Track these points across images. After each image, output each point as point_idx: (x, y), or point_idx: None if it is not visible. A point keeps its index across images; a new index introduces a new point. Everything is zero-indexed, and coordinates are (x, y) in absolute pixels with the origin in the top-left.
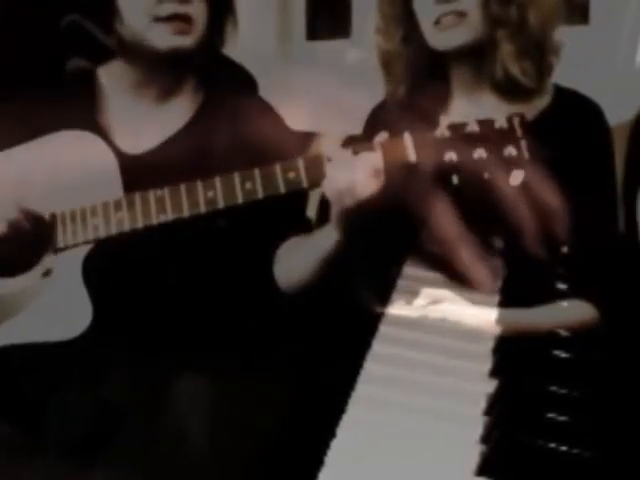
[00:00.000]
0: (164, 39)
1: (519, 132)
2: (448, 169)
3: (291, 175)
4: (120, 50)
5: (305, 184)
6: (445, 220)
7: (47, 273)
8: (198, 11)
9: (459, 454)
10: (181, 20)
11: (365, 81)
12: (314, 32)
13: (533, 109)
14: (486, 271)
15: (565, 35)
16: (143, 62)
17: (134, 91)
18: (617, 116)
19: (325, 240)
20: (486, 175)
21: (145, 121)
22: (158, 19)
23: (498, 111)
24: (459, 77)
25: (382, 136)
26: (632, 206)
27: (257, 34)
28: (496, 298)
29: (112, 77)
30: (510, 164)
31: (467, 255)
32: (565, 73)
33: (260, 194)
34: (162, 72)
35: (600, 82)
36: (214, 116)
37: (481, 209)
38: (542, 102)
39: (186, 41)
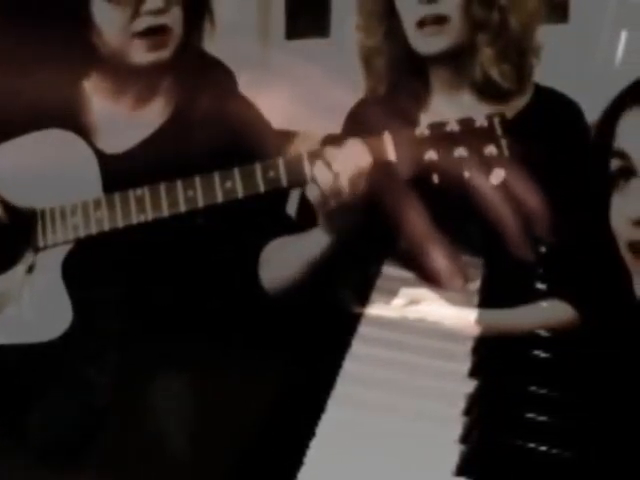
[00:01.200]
0: (142, 55)
1: (499, 131)
2: (428, 168)
3: (271, 174)
4: (98, 63)
5: (285, 183)
6: (418, 220)
7: (30, 270)
8: (174, 19)
9: (438, 454)
10: (158, 33)
11: (344, 80)
12: (293, 31)
13: (512, 108)
14: (456, 270)
15: (544, 34)
16: (121, 72)
17: (114, 94)
18: (596, 115)
19: (314, 244)
20: (466, 174)
21: (125, 121)
22: (135, 34)
23: (477, 110)
24: (439, 76)
25: (357, 143)
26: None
27: (237, 33)
28: (475, 298)
29: (96, 81)
30: (490, 163)
31: (437, 255)
32: (544, 72)
33: (240, 193)
34: (140, 81)
35: (579, 81)
36: (193, 114)
37: (461, 208)
38: (521, 101)
39: (164, 53)
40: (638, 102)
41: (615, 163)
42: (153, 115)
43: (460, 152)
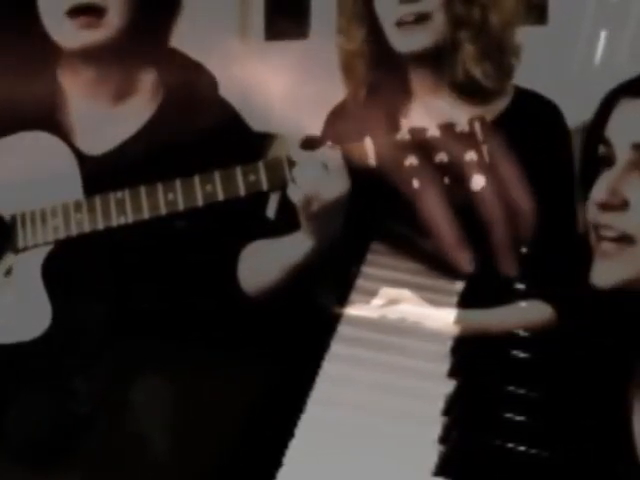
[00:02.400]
0: (73, 36)
1: (480, 136)
2: (409, 173)
3: (251, 178)
4: (64, 57)
5: (265, 187)
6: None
7: (9, 272)
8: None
9: (417, 454)
10: (89, 13)
11: (324, 81)
12: (272, 32)
13: (493, 110)
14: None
15: (524, 35)
16: (93, 63)
17: (90, 90)
18: (576, 117)
19: (296, 248)
20: (446, 180)
21: (104, 121)
22: (68, 14)
23: (458, 112)
24: (420, 78)
25: (337, 146)
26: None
27: (215, 34)
28: (454, 298)
29: (69, 76)
30: (471, 169)
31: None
32: (524, 73)
33: (220, 196)
34: (112, 69)
35: (559, 83)
36: (174, 116)
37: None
38: (502, 103)
39: (97, 35)
40: (634, 94)
41: (601, 149)
42: (133, 115)
43: (441, 157)
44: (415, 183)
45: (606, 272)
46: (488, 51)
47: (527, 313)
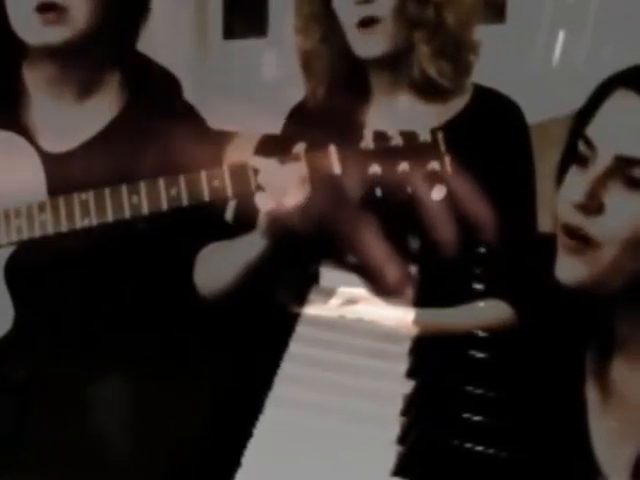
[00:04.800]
0: (38, 32)
1: (442, 147)
2: (372, 182)
3: (216, 183)
4: (30, 54)
5: (230, 193)
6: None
7: None
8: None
9: (376, 454)
10: (53, 10)
11: (283, 79)
12: (230, 31)
13: (452, 108)
14: (404, 278)
15: (482, 34)
16: (57, 62)
17: (53, 88)
18: (535, 115)
19: (250, 247)
20: (409, 189)
21: (67, 120)
22: (36, 9)
23: (417, 111)
24: (378, 77)
25: (301, 146)
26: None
27: (173, 33)
28: (412, 298)
29: (33, 74)
30: (433, 179)
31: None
32: (482, 72)
33: (185, 201)
34: (75, 68)
35: (517, 81)
36: (138, 117)
37: (403, 220)
38: (461, 101)
39: (62, 32)
40: (626, 87)
41: (581, 147)
42: (97, 114)
43: (404, 166)
44: (378, 192)
45: (571, 269)
46: (444, 50)
47: (485, 313)
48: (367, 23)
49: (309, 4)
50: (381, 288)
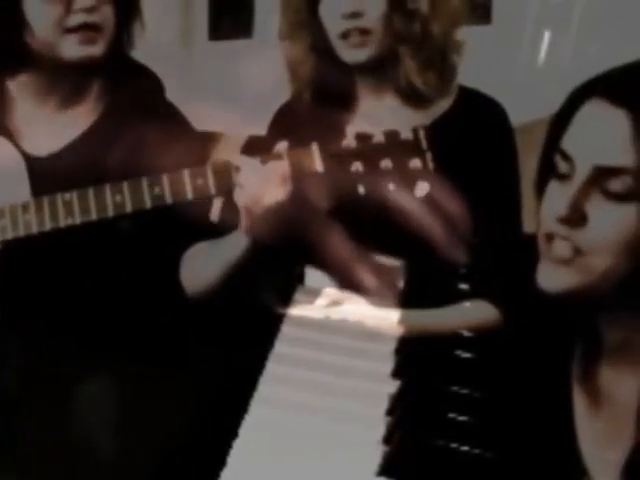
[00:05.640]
0: (74, 49)
1: (424, 144)
2: (355, 179)
3: (199, 182)
4: (29, 61)
5: (213, 191)
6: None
7: None
8: (106, 18)
9: (361, 454)
10: (90, 29)
11: (269, 81)
12: (216, 32)
13: (437, 109)
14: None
15: (467, 35)
16: (50, 71)
17: (38, 97)
18: (520, 116)
19: (234, 247)
20: (391, 186)
21: (51, 123)
22: (68, 30)
23: (403, 114)
24: (365, 82)
25: (283, 145)
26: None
27: (159, 34)
28: (398, 299)
29: (18, 83)
30: (415, 176)
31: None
32: (467, 73)
33: (168, 200)
34: (68, 79)
35: (503, 82)
36: (119, 119)
37: (386, 218)
38: (445, 103)
39: (96, 50)
40: (598, 96)
41: (558, 160)
42: (80, 118)
43: (386, 164)
44: (360, 189)
45: (554, 278)
46: (430, 62)
47: (471, 313)
48: (353, 35)
49: (295, 12)
50: (354, 286)
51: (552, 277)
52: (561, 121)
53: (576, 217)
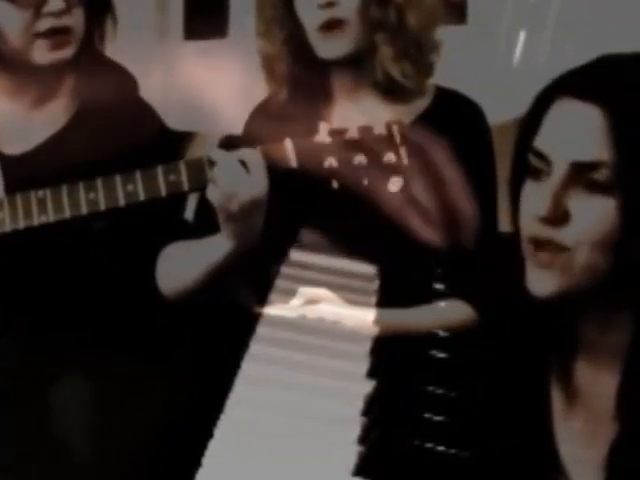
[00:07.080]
0: (44, 55)
1: (398, 139)
2: (328, 174)
3: (172, 178)
4: (1, 64)
5: (186, 187)
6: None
7: None
8: (76, 20)
9: (336, 454)
10: (60, 33)
11: (244, 80)
12: (191, 32)
13: (414, 109)
14: None
15: (443, 35)
16: (22, 71)
17: (11, 97)
18: (497, 116)
19: (215, 249)
20: (365, 181)
21: (24, 122)
22: (38, 35)
23: (379, 112)
24: (341, 80)
25: (257, 146)
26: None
27: (134, 33)
28: (373, 298)
29: None
30: (389, 170)
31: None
32: (444, 73)
33: (141, 196)
34: (41, 78)
35: (479, 82)
36: (93, 117)
37: (361, 212)
38: (423, 102)
39: (66, 53)
40: (565, 95)
41: (533, 160)
42: (53, 116)
43: (360, 159)
44: (334, 184)
45: (543, 282)
46: (406, 51)
47: (446, 313)
48: (330, 26)
49: (271, 8)
50: None
51: (541, 281)
52: (531, 122)
53: (559, 215)
